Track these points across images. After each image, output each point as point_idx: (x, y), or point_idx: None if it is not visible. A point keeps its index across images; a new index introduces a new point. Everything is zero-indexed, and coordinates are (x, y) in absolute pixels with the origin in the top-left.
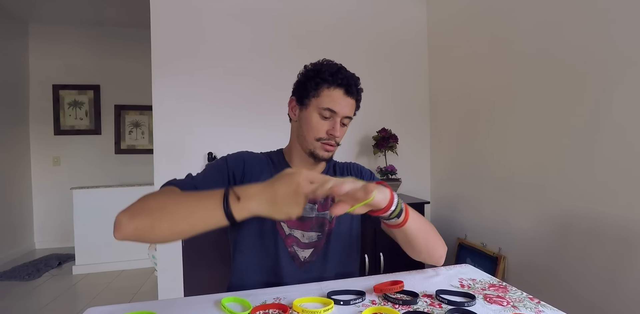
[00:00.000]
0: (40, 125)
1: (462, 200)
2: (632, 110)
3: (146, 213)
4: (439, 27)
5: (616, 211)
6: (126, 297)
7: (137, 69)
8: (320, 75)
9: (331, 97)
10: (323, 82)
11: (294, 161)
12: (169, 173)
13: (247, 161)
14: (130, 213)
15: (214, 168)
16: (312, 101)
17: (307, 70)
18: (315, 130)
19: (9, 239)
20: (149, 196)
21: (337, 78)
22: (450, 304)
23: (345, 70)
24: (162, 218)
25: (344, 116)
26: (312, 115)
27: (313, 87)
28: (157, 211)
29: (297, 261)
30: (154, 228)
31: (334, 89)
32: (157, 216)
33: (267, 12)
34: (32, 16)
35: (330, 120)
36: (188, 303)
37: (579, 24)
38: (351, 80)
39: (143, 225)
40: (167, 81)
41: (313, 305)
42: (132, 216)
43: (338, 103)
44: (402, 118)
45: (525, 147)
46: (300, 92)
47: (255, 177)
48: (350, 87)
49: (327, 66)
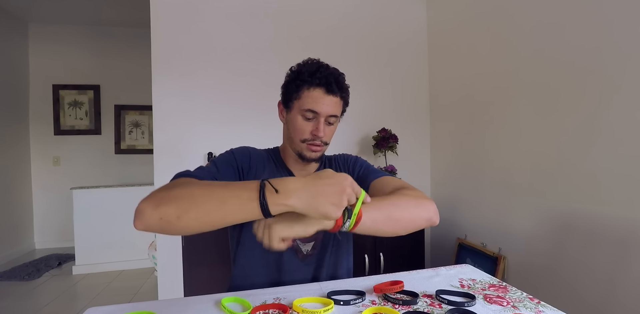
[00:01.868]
0: (40, 125)
1: (462, 200)
2: (632, 110)
3: (172, 202)
4: (439, 27)
5: (616, 212)
6: (126, 297)
7: (137, 69)
8: (300, 76)
9: (312, 98)
10: (303, 83)
11: (288, 161)
12: (169, 173)
13: (252, 155)
14: (155, 202)
15: (224, 161)
16: (295, 103)
17: (291, 72)
18: (300, 132)
19: (9, 239)
20: (172, 185)
21: (316, 78)
22: (450, 304)
23: (326, 68)
24: (190, 208)
25: (327, 115)
26: (296, 117)
27: (294, 89)
28: (185, 199)
29: (299, 254)
30: (180, 217)
31: (313, 89)
32: (185, 205)
33: (267, 12)
34: (32, 16)
35: (313, 120)
36: (188, 303)
37: (580, 24)
38: (331, 78)
39: (169, 214)
40: (167, 81)
41: (313, 305)
42: (157, 205)
43: (319, 103)
44: (402, 118)
45: (525, 147)
46: (284, 95)
47: (260, 172)
48: (331, 85)
49: (307, 66)
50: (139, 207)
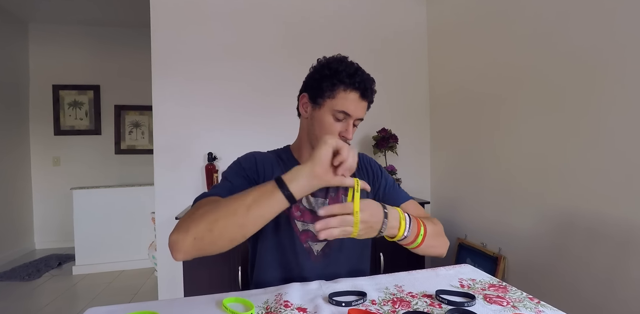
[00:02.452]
0: (40, 126)
1: (462, 200)
2: (633, 110)
3: (200, 220)
4: (439, 27)
5: (616, 212)
6: (126, 297)
7: (137, 69)
8: (337, 75)
9: (347, 100)
10: (340, 83)
11: (303, 158)
12: (169, 173)
13: (258, 161)
14: (183, 228)
15: (234, 173)
16: (327, 102)
17: (322, 67)
18: (329, 132)
19: (9, 239)
20: (194, 209)
21: (355, 82)
22: (450, 304)
23: (363, 71)
24: (218, 218)
25: (356, 118)
26: (326, 116)
27: (329, 88)
28: (211, 212)
29: (312, 255)
30: (212, 229)
31: (350, 92)
32: (212, 217)
33: (267, 13)
34: (32, 16)
35: (343, 122)
36: (189, 303)
37: (583, 22)
38: (367, 84)
39: (200, 231)
40: (167, 81)
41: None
42: (186, 230)
43: (353, 107)
44: (402, 118)
45: (525, 147)
46: (314, 90)
47: (269, 176)
48: (367, 91)
49: (345, 66)
50: (171, 239)
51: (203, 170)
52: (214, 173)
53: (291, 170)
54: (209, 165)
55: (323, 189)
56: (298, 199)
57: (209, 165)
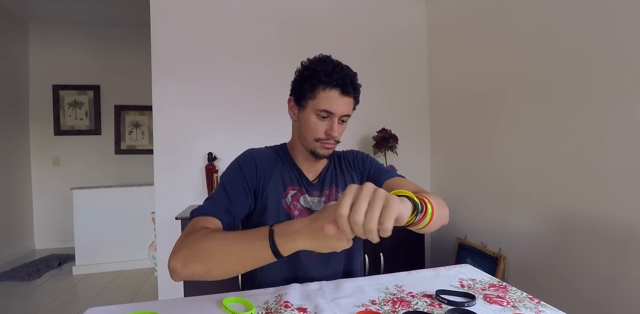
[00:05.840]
0: (40, 126)
1: (462, 200)
2: (632, 110)
3: (198, 260)
4: (439, 26)
5: (616, 212)
6: (126, 297)
7: (137, 69)
8: (315, 76)
9: (327, 98)
10: (318, 83)
11: (297, 158)
12: (169, 173)
13: (257, 162)
14: (182, 261)
15: (232, 182)
16: (309, 102)
17: (304, 69)
18: (314, 131)
19: (9, 239)
20: (193, 240)
21: (332, 79)
22: (450, 304)
23: (341, 68)
24: (216, 265)
25: (341, 115)
26: (310, 116)
27: (309, 89)
28: (208, 257)
29: (313, 253)
30: (210, 272)
31: (329, 90)
32: (210, 263)
33: (267, 13)
34: (32, 16)
35: (328, 120)
36: (189, 303)
37: (581, 24)
38: (347, 79)
39: (198, 270)
40: (167, 81)
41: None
42: (185, 264)
43: (335, 104)
44: (402, 118)
45: (525, 147)
46: (297, 92)
47: (269, 176)
48: (347, 87)
49: (324, 65)
50: (170, 265)
51: (203, 170)
52: (213, 173)
53: (288, 229)
54: (209, 165)
55: (318, 188)
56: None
57: (209, 165)
